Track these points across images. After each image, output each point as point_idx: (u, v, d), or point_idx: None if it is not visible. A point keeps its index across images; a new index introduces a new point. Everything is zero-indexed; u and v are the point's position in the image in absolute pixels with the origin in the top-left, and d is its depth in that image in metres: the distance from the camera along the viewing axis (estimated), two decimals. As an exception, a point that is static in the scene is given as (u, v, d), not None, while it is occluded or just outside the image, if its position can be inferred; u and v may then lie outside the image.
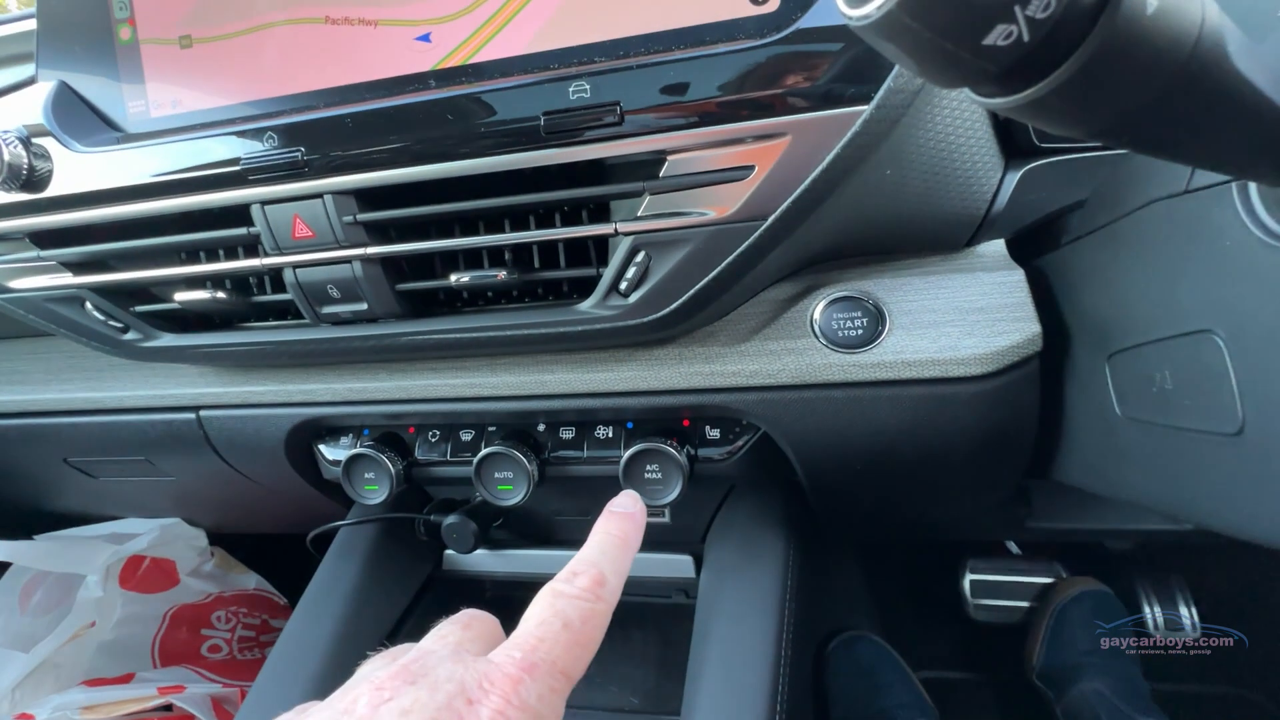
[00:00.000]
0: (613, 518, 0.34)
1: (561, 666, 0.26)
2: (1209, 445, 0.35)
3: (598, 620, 0.28)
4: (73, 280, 0.57)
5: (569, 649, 0.27)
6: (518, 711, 0.24)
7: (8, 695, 0.83)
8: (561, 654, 0.27)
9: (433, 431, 0.66)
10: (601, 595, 0.29)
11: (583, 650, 0.27)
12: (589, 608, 0.28)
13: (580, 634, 0.28)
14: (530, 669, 0.26)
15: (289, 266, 0.52)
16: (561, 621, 0.28)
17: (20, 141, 0.51)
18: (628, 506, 0.35)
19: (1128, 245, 0.40)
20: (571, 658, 0.27)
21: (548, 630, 0.27)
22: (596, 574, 0.30)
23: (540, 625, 0.27)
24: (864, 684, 0.95)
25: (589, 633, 0.28)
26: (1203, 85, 0.20)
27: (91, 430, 0.72)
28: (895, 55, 0.19)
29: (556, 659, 0.26)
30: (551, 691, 0.26)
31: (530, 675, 0.25)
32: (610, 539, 0.33)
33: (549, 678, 0.26)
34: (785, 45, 0.40)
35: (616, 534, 0.33)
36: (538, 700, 0.25)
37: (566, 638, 0.27)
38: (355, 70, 0.48)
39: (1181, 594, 0.90)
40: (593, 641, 0.28)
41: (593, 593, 0.29)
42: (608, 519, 0.34)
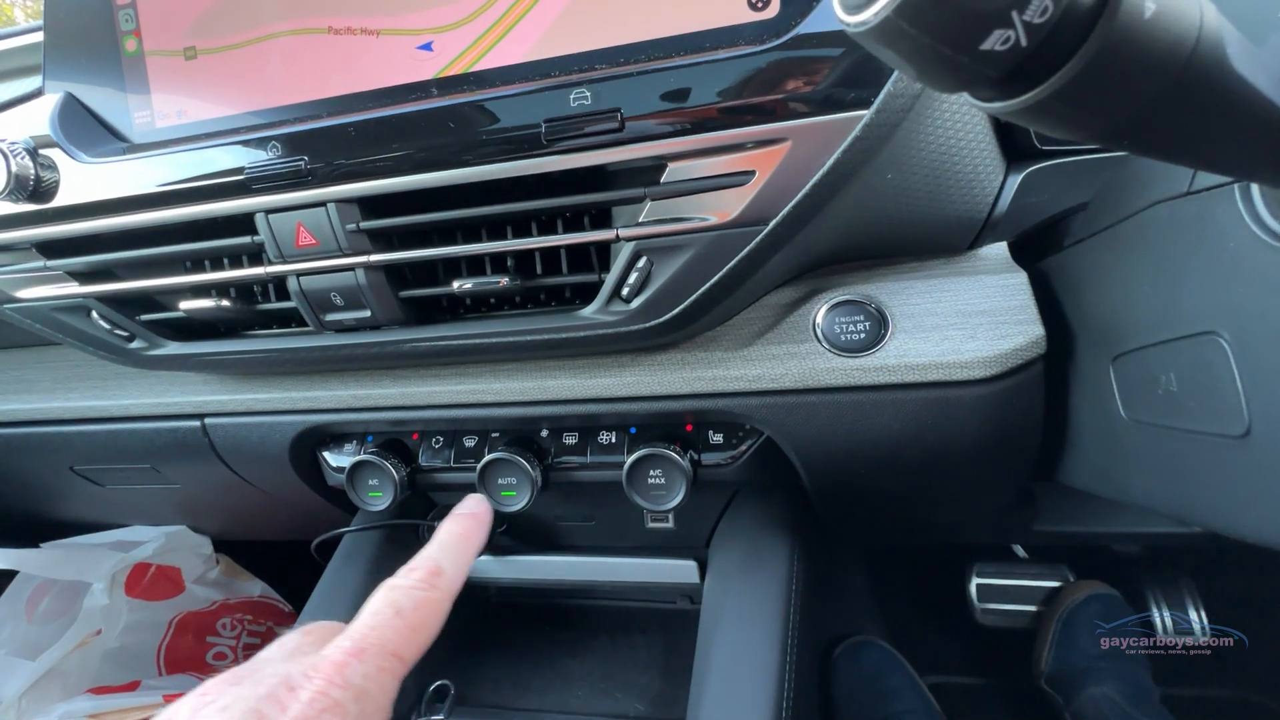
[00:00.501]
0: (454, 518, 0.37)
1: (392, 649, 0.28)
2: (1215, 448, 0.34)
3: (431, 606, 0.31)
4: (79, 289, 0.57)
5: (400, 632, 0.29)
6: (340, 690, 0.26)
7: (14, 703, 0.83)
8: (392, 637, 0.28)
9: (436, 438, 0.66)
10: (436, 584, 0.32)
11: (415, 633, 0.29)
12: (421, 595, 0.31)
13: (412, 618, 0.30)
14: (358, 653, 0.27)
15: (293, 274, 0.52)
16: (394, 610, 0.30)
17: (27, 153, 0.52)
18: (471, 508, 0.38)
19: (1130, 247, 0.40)
20: (403, 640, 0.29)
21: (379, 619, 0.29)
22: (432, 566, 0.32)
23: (372, 615, 0.29)
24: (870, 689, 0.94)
25: (421, 617, 0.30)
26: (1202, 88, 0.20)
27: (98, 438, 0.72)
28: (893, 61, 0.19)
29: (387, 642, 0.28)
30: (380, 670, 0.27)
31: (358, 658, 0.27)
32: (450, 536, 0.35)
33: (378, 658, 0.27)
34: (785, 51, 0.40)
35: (457, 531, 0.36)
36: (363, 679, 0.27)
37: (398, 623, 0.29)
38: (358, 79, 0.48)
39: (1190, 597, 0.89)
40: (426, 625, 0.30)
41: (426, 582, 0.31)
42: (449, 520, 0.36)
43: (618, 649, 0.75)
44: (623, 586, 0.76)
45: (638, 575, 0.74)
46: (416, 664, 0.75)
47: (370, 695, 0.26)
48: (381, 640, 0.28)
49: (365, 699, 0.26)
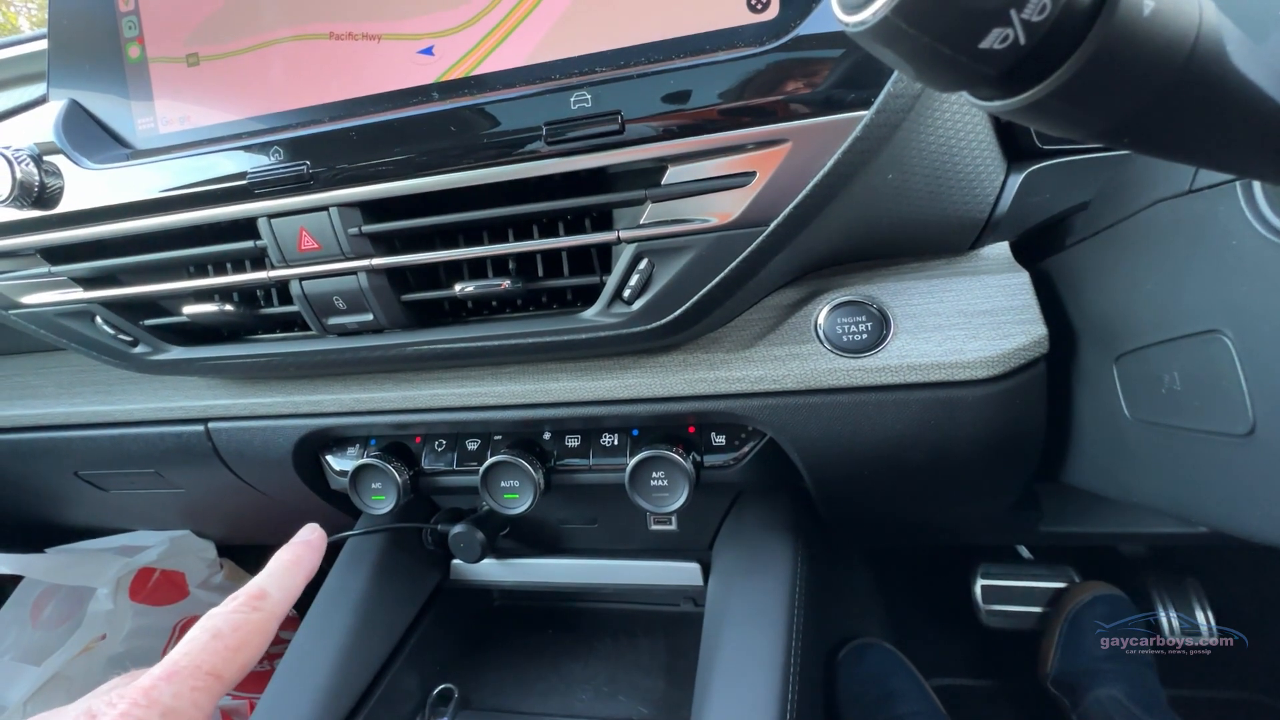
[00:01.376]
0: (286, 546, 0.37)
1: (208, 668, 0.28)
2: (1219, 446, 0.34)
3: (252, 627, 0.31)
4: (83, 295, 0.57)
5: (216, 653, 0.29)
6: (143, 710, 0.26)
7: (19, 709, 0.83)
8: (207, 658, 0.28)
9: (439, 441, 0.66)
10: (258, 606, 0.32)
11: (233, 654, 0.29)
12: (241, 618, 0.31)
13: (230, 639, 0.29)
14: (168, 676, 0.27)
15: (295, 278, 0.52)
16: (210, 634, 0.30)
17: (32, 159, 0.52)
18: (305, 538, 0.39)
19: (1133, 246, 0.40)
20: (219, 659, 0.29)
21: (193, 644, 0.29)
22: (255, 590, 0.33)
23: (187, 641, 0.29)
24: (875, 692, 0.94)
25: (241, 638, 0.30)
26: (1202, 85, 0.20)
27: (102, 443, 0.72)
28: (892, 60, 0.19)
29: (201, 663, 0.28)
30: (193, 690, 0.27)
31: (167, 680, 0.27)
32: (278, 562, 0.36)
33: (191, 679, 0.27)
34: (784, 52, 0.40)
35: (286, 557, 0.36)
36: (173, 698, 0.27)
37: (215, 644, 0.29)
38: (359, 84, 0.49)
39: (1197, 597, 0.88)
40: (246, 644, 0.30)
41: (247, 605, 0.31)
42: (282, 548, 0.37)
43: (621, 652, 0.75)
44: (626, 589, 0.76)
45: (641, 578, 0.74)
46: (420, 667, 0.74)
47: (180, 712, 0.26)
48: (194, 662, 0.28)
49: (173, 715, 0.26)
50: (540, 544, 0.78)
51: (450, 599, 0.77)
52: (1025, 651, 0.96)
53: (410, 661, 0.69)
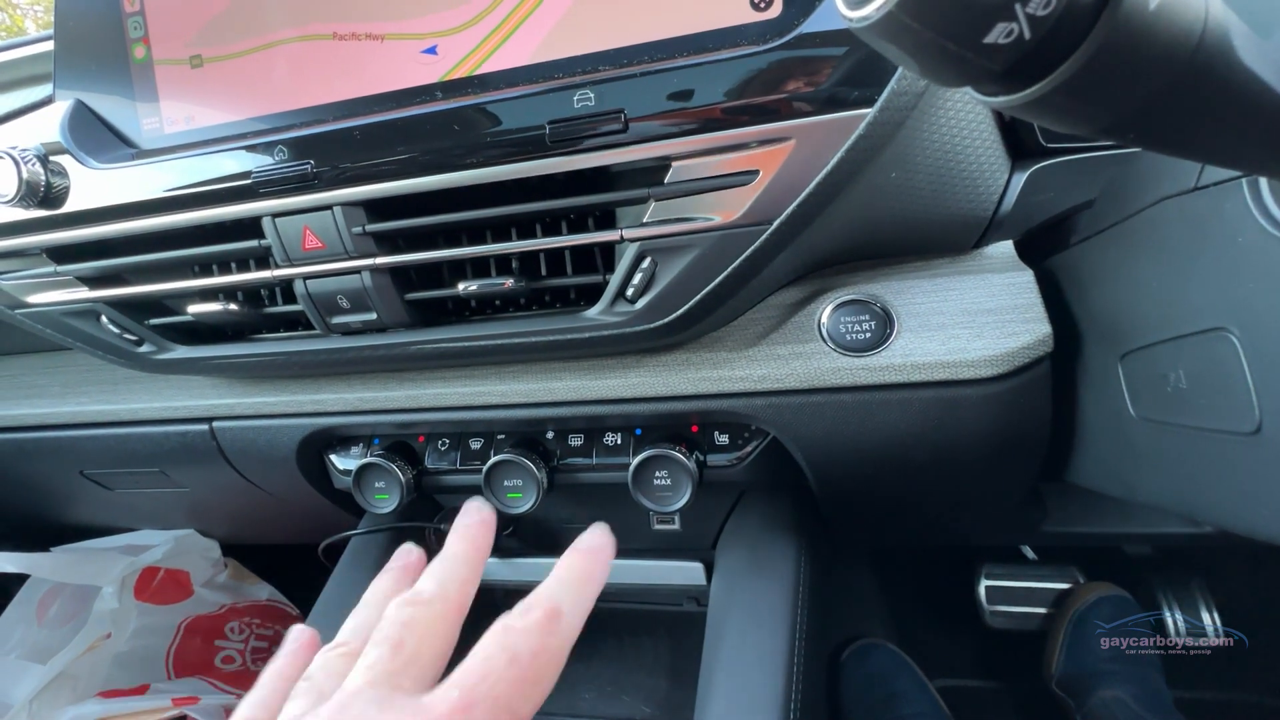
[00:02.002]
0: (577, 554, 0.32)
1: (505, 703, 0.24)
2: (1226, 445, 0.34)
3: (550, 656, 0.27)
4: (88, 294, 0.58)
5: (515, 685, 0.25)
6: None
7: (25, 707, 0.83)
8: (505, 690, 0.25)
9: (442, 440, 0.66)
10: (556, 630, 0.27)
11: (532, 688, 0.25)
12: (540, 643, 0.27)
13: (529, 670, 0.26)
14: (467, 708, 0.24)
15: (299, 278, 0.52)
16: (509, 656, 0.26)
17: (38, 159, 0.52)
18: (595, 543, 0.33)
19: (1138, 244, 0.40)
20: (518, 695, 0.25)
21: (492, 666, 0.25)
22: (551, 607, 0.28)
23: (485, 661, 0.25)
24: (879, 693, 0.93)
25: (539, 669, 0.26)
26: (1208, 81, 0.20)
27: (107, 442, 0.73)
28: (896, 56, 0.19)
29: (499, 695, 0.24)
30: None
31: (466, 713, 0.23)
32: (572, 572, 0.31)
33: (489, 716, 0.24)
34: (788, 50, 0.40)
35: (580, 569, 0.31)
36: None
37: (513, 674, 0.25)
38: (363, 84, 0.49)
39: (1203, 598, 0.88)
40: (544, 678, 0.26)
41: (546, 627, 0.27)
42: (572, 554, 0.32)
43: (624, 652, 0.75)
44: (629, 589, 0.76)
45: (644, 577, 0.74)
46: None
47: None
48: (494, 693, 0.24)
49: None
50: (543, 543, 0.78)
51: (453, 598, 0.77)
52: (1029, 652, 0.95)
53: (413, 661, 0.69)
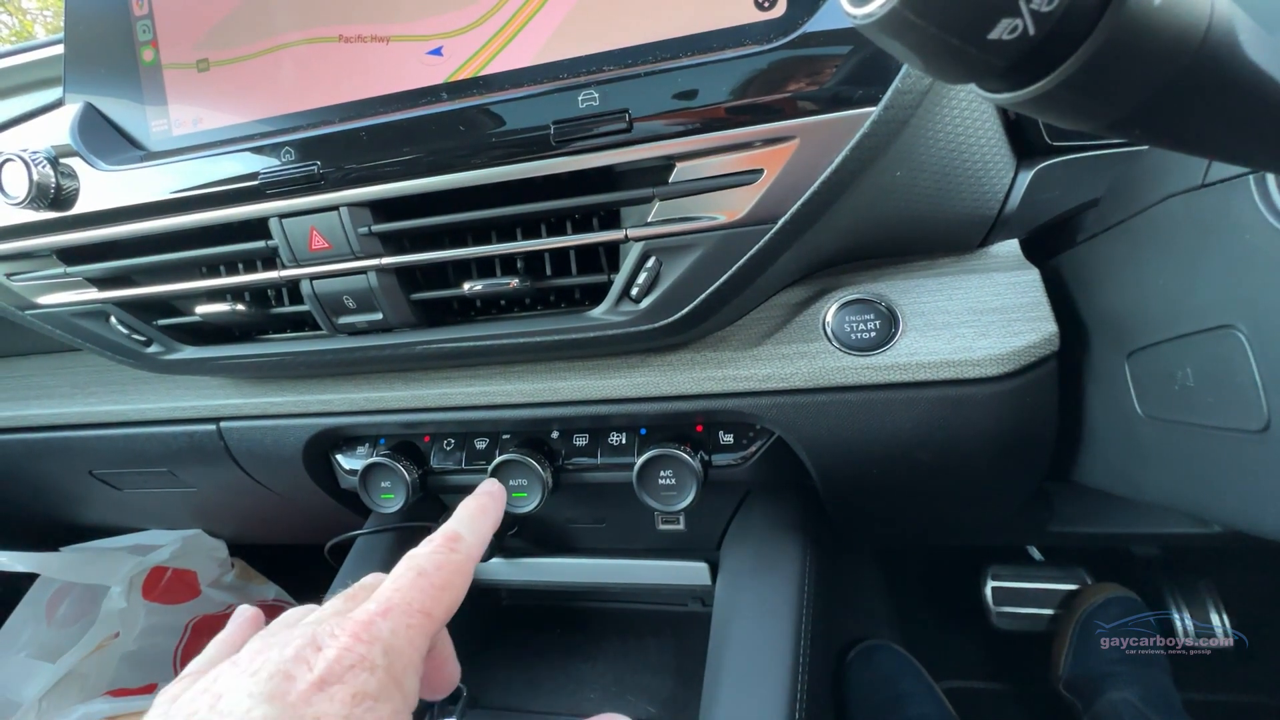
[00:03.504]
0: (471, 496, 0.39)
1: (419, 606, 0.29)
2: (1233, 443, 0.34)
3: (453, 568, 0.31)
4: (98, 295, 0.58)
5: (425, 591, 0.29)
6: (366, 646, 0.26)
7: (34, 705, 0.84)
8: (417, 595, 0.29)
9: (448, 440, 0.66)
10: (455, 548, 0.32)
11: (440, 592, 0.30)
12: (442, 558, 0.31)
13: (435, 578, 0.30)
14: (384, 611, 0.28)
15: (306, 278, 0.53)
16: (415, 571, 0.30)
17: (48, 161, 0.53)
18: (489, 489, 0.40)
19: (1144, 241, 0.40)
20: (428, 598, 0.29)
21: (402, 580, 0.30)
22: (449, 532, 0.33)
23: (395, 579, 0.30)
24: (885, 694, 0.93)
25: (444, 577, 0.31)
26: (1214, 76, 0.19)
27: (116, 442, 0.73)
28: (900, 52, 0.19)
29: (411, 600, 0.29)
30: (408, 628, 0.28)
31: (384, 616, 0.28)
32: (466, 509, 0.37)
33: (404, 615, 0.28)
34: (792, 49, 0.41)
35: (473, 505, 0.37)
36: (390, 634, 0.27)
37: (422, 582, 0.30)
38: (369, 85, 0.49)
39: (1212, 600, 0.87)
40: (450, 585, 0.31)
41: (446, 546, 0.32)
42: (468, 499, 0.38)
43: (629, 652, 0.75)
44: (634, 588, 0.76)
45: (649, 577, 0.74)
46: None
47: (398, 650, 0.27)
48: (406, 599, 0.29)
49: (393, 653, 0.26)
50: (548, 543, 0.78)
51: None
52: (1036, 654, 0.95)
53: (419, 660, 0.69)
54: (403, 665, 0.27)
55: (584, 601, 0.82)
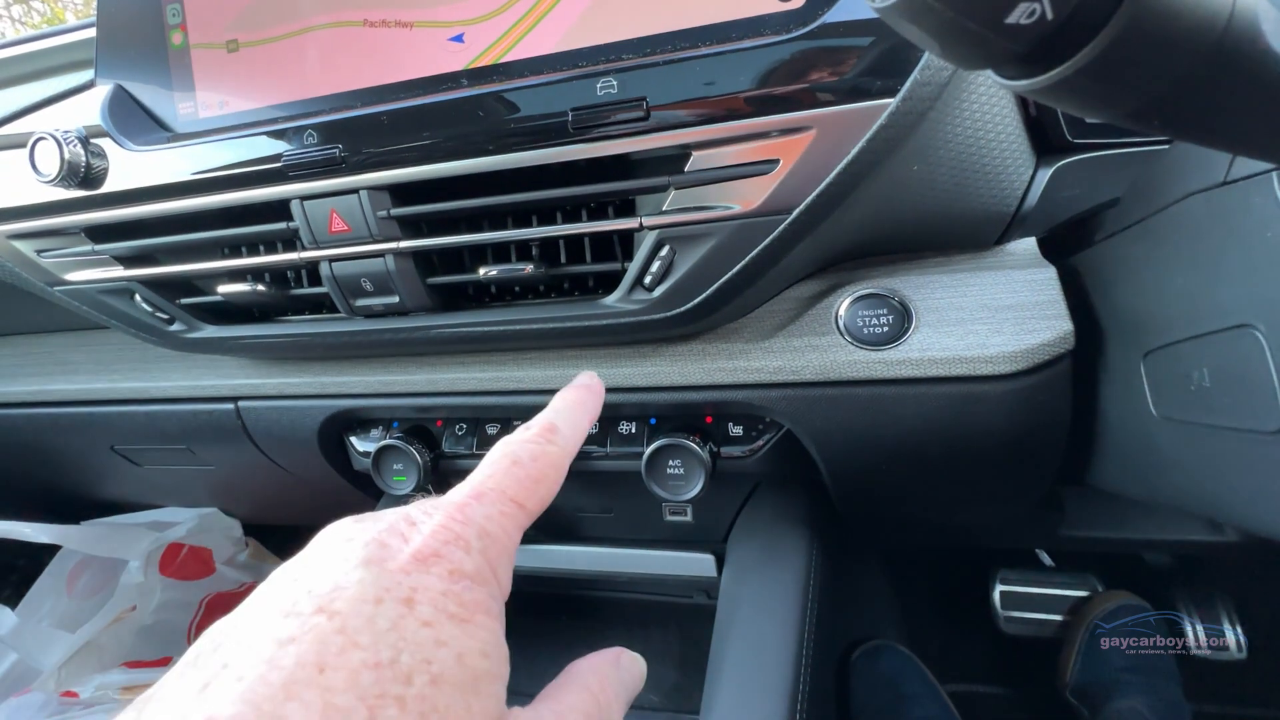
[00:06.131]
0: (568, 388, 0.36)
1: (511, 494, 0.27)
2: (1249, 444, 0.34)
3: (549, 460, 0.30)
4: (123, 273, 0.60)
5: (518, 480, 0.28)
6: (461, 525, 0.25)
7: (54, 674, 0.86)
8: (510, 484, 0.28)
9: (460, 424, 0.67)
10: (553, 440, 0.31)
11: (534, 484, 0.29)
12: (538, 449, 0.30)
13: (530, 469, 0.29)
14: (478, 495, 0.27)
15: (325, 260, 0.53)
16: (511, 459, 0.29)
17: (79, 141, 0.54)
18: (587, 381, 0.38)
19: (1164, 240, 0.39)
20: (521, 488, 0.28)
21: (496, 468, 0.29)
22: (547, 423, 0.32)
23: (490, 464, 0.29)
24: (889, 695, 0.93)
25: (540, 469, 0.29)
26: (1237, 65, 0.19)
27: (137, 419, 0.75)
28: (917, 37, 0.19)
29: (505, 488, 0.28)
30: (501, 514, 0.27)
31: (477, 500, 0.27)
32: (563, 400, 0.35)
33: (498, 502, 0.27)
34: (811, 40, 0.40)
35: (571, 396, 0.35)
36: (484, 519, 0.26)
37: (517, 471, 0.28)
38: (391, 70, 0.50)
39: (1225, 610, 0.86)
40: (545, 477, 0.29)
41: (543, 436, 0.31)
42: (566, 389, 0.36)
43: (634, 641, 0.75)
44: (640, 578, 0.76)
45: (655, 567, 0.74)
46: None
47: (492, 535, 0.26)
48: (500, 486, 0.28)
49: (487, 538, 0.25)
50: (555, 531, 0.79)
51: (466, 582, 0.78)
52: (1044, 659, 0.94)
53: (426, 642, 0.70)
54: (497, 551, 0.26)
55: (590, 590, 0.83)
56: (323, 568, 0.23)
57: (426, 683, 0.20)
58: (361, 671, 0.20)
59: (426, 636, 0.21)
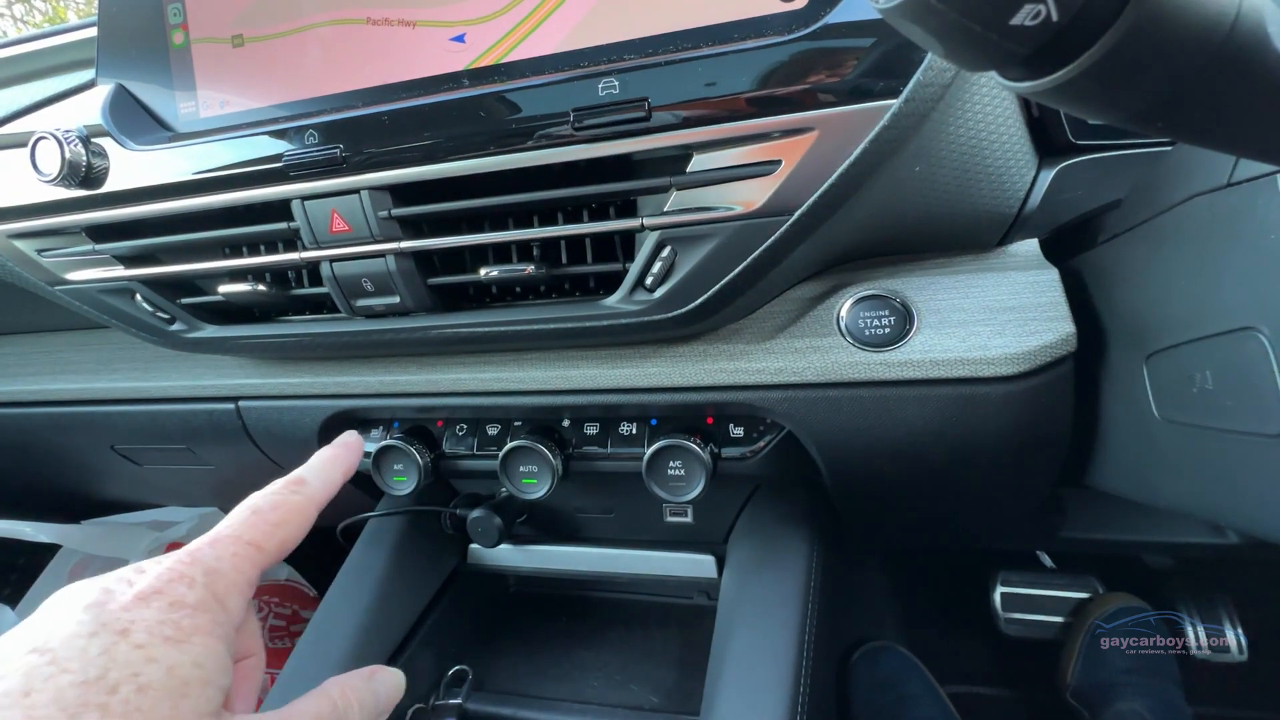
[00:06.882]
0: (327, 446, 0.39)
1: (247, 539, 0.30)
2: (1252, 447, 0.33)
3: (291, 507, 0.32)
4: (124, 273, 0.59)
5: (255, 526, 0.31)
6: (187, 566, 0.27)
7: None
8: (245, 530, 0.30)
9: (460, 425, 0.67)
10: (298, 490, 0.34)
11: (273, 528, 0.31)
12: (279, 498, 0.33)
13: (269, 516, 0.31)
14: (211, 542, 0.29)
15: (326, 260, 0.53)
16: (250, 509, 0.32)
17: (80, 140, 0.54)
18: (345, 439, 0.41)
19: (1167, 242, 0.39)
20: (257, 532, 0.30)
21: (234, 518, 0.31)
22: (296, 476, 0.35)
23: (228, 517, 0.32)
24: (889, 696, 0.93)
25: (280, 515, 0.32)
26: (1242, 67, 0.19)
27: (137, 419, 0.75)
28: (921, 38, 0.19)
29: (240, 533, 0.30)
30: (234, 555, 0.29)
31: (210, 545, 0.29)
32: (317, 458, 0.38)
33: (231, 545, 0.29)
34: (813, 41, 0.40)
35: (325, 454, 0.38)
36: (214, 559, 0.28)
37: (254, 519, 0.31)
38: (393, 70, 0.50)
39: (1226, 613, 0.86)
40: (286, 522, 0.32)
41: (288, 488, 0.34)
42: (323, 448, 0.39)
43: (634, 641, 0.75)
44: (640, 579, 0.76)
45: (655, 568, 0.74)
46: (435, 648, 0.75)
47: (220, 572, 0.28)
48: (235, 532, 0.30)
49: (214, 574, 0.28)
50: (557, 532, 0.79)
51: (467, 583, 0.79)
52: (1044, 661, 0.94)
53: (426, 642, 0.70)
54: (225, 585, 0.28)
55: (590, 590, 0.83)
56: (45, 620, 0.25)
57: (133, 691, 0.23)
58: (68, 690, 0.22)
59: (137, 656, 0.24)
